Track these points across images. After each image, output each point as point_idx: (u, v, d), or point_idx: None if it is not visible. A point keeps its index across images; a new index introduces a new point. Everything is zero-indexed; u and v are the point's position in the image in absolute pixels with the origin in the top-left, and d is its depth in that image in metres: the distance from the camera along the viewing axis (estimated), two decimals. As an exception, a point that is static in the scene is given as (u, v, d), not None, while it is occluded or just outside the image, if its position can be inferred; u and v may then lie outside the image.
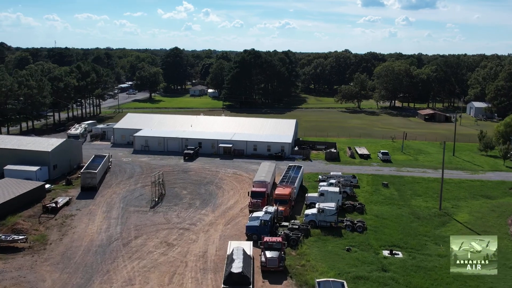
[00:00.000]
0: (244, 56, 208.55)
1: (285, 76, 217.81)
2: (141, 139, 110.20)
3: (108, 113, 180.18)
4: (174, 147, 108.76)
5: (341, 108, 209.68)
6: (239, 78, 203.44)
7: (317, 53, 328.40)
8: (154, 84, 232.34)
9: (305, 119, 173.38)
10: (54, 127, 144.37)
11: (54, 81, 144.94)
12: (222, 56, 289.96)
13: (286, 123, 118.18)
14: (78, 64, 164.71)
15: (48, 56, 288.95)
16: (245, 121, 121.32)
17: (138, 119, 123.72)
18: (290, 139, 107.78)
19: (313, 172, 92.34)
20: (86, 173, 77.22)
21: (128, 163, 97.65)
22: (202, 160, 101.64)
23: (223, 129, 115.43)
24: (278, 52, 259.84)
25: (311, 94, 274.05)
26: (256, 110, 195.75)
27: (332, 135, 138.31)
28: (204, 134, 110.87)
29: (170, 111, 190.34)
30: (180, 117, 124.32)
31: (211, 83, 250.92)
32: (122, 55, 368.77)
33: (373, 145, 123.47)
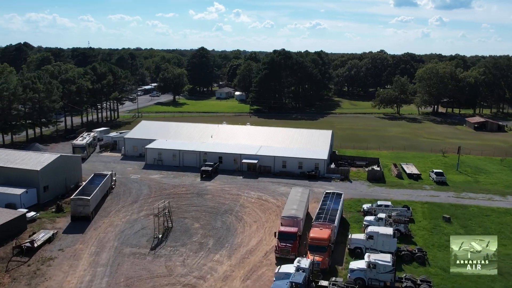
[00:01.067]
0: (273, 56, 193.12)
1: (318, 79, 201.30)
2: (153, 152, 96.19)
3: (126, 118, 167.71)
4: (191, 161, 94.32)
5: (378, 114, 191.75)
6: (267, 80, 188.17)
7: (352, 53, 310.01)
8: (178, 86, 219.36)
9: (339, 127, 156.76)
10: (65, 134, 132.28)
11: (66, 83, 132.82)
12: (251, 56, 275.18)
13: (320, 135, 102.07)
14: (93, 65, 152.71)
15: (72, 56, 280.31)
16: (273, 131, 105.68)
17: (152, 127, 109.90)
18: (326, 154, 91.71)
19: (354, 198, 76.23)
20: (77, 200, 63.30)
21: (135, 181, 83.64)
22: (222, 178, 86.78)
23: (247, 141, 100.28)
24: (310, 53, 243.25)
25: (344, 98, 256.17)
26: (286, 116, 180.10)
27: (372, 147, 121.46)
28: (225, 147, 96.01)
29: (193, 116, 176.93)
30: (200, 126, 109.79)
31: (238, 85, 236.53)
32: (148, 55, 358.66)
33: (421, 160, 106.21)
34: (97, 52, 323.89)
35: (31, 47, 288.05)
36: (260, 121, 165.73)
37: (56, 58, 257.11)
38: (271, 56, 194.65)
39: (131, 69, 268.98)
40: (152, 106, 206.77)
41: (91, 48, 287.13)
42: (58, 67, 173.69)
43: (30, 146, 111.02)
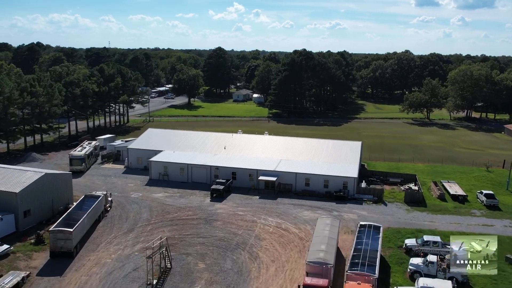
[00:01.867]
0: (294, 57, 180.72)
1: (341, 81, 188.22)
2: (158, 166, 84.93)
3: (136, 123, 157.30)
4: (201, 177, 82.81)
5: (406, 119, 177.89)
6: (287, 83, 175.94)
7: (376, 54, 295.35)
8: (193, 88, 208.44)
9: (366, 133, 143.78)
10: (68, 141, 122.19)
11: (70, 86, 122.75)
12: (270, 57, 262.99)
13: (349, 147, 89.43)
14: (100, 66, 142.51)
15: (86, 56, 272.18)
16: (295, 142, 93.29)
17: (159, 136, 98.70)
18: (355, 171, 79.18)
19: (392, 227, 63.69)
20: (57, 232, 52.11)
21: (135, 202, 72.46)
22: (236, 198, 75.05)
23: (265, 153, 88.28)
24: (333, 53, 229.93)
25: (368, 101, 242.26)
26: (307, 121, 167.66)
27: (405, 159, 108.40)
28: (240, 161, 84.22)
29: (207, 120, 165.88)
30: (212, 136, 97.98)
31: (257, 87, 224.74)
32: (165, 55, 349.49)
33: (463, 177, 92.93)
34: (112, 52, 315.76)
35: (44, 47, 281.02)
36: (279, 127, 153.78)
37: (69, 59, 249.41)
38: (292, 57, 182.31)
39: (146, 70, 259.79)
40: (165, 109, 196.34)
41: (105, 48, 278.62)
42: (66, 68, 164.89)
43: (26, 155, 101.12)
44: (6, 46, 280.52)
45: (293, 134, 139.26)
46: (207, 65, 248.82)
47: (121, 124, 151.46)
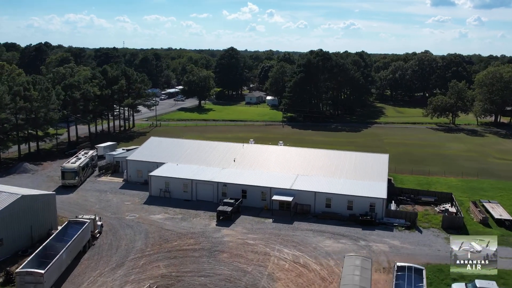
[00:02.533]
0: (310, 58, 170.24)
1: (360, 83, 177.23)
2: (159, 181, 75.33)
3: (142, 127, 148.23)
4: (206, 194, 73.09)
5: (430, 124, 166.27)
6: (303, 85, 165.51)
7: (395, 54, 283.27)
8: (204, 90, 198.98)
9: (388, 141, 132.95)
10: (67, 148, 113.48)
11: (69, 89, 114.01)
12: (284, 57, 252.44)
13: (374, 161, 78.92)
14: (104, 67, 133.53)
15: (95, 57, 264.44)
16: (313, 154, 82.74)
17: (162, 146, 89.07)
18: (384, 190, 68.68)
19: (432, 263, 53.12)
20: (25, 274, 42.63)
21: (130, 225, 62.94)
22: (246, 222, 65.14)
23: (280, 167, 78.14)
24: (351, 54, 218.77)
25: (387, 103, 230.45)
26: (323, 126, 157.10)
27: (435, 171, 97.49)
28: (251, 177, 74.24)
29: (217, 125, 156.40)
30: (221, 146, 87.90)
31: (270, 89, 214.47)
32: (176, 56, 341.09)
33: (504, 194, 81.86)
34: (122, 53, 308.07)
35: (52, 47, 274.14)
36: (294, 133, 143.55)
37: (76, 59, 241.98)
38: (308, 57, 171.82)
39: (156, 71, 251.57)
40: (174, 112, 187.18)
41: (115, 49, 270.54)
42: (70, 70, 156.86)
43: (17, 166, 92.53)
44: (14, 46, 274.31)
45: (309, 141, 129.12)
46: (219, 65, 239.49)
47: (126, 129, 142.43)
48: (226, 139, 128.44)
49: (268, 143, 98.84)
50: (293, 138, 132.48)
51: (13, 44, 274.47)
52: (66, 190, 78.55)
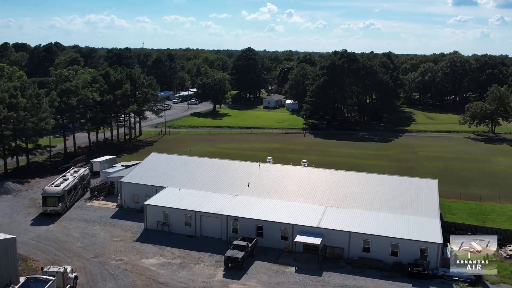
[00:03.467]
0: (334, 59, 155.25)
1: (389, 87, 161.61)
2: (157, 211, 61.70)
3: (150, 135, 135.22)
4: (213, 229, 59.28)
5: (467, 133, 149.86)
6: (327, 89, 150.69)
7: (424, 55, 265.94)
8: (219, 93, 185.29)
9: (423, 153, 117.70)
10: (63, 161, 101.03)
11: (65, 95, 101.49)
12: (305, 58, 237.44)
13: (420, 188, 63.98)
14: (106, 70, 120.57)
15: (107, 57, 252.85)
16: (345, 180, 67.92)
17: (164, 164, 75.46)
18: (438, 231, 53.72)
19: None
20: None
21: (114, 276, 49.36)
22: (261, 270, 51.08)
23: (304, 196, 63.79)
24: (378, 55, 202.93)
25: (416, 108, 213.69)
26: (349, 134, 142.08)
27: (487, 196, 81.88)
28: (268, 208, 60.13)
29: (232, 133, 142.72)
30: (232, 166, 73.62)
31: (290, 93, 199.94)
32: (192, 56, 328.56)
33: None
34: (137, 53, 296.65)
35: (63, 47, 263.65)
36: (317, 143, 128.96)
37: (87, 60, 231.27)
38: (332, 59, 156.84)
39: (170, 72, 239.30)
40: (187, 117, 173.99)
41: (128, 49, 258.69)
42: (73, 72, 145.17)
43: None
44: (25, 46, 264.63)
45: (335, 153, 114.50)
46: (236, 67, 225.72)
47: (132, 137, 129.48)
48: (240, 151, 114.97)
49: (289, 162, 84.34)
50: (316, 150, 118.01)
51: (24, 44, 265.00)
52: (46, 219, 65.68)
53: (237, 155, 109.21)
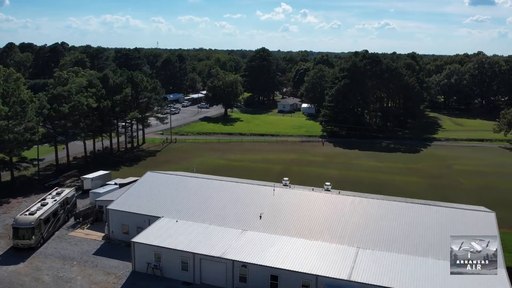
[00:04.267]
0: (355, 61, 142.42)
1: (416, 91, 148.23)
2: (147, 251, 49.81)
3: (155, 143, 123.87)
4: (216, 277, 47.24)
5: (501, 142, 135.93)
6: (347, 93, 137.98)
7: (448, 56, 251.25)
8: (231, 96, 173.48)
9: (458, 167, 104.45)
10: (54, 175, 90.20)
11: (56, 101, 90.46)
12: (322, 59, 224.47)
13: (474, 223, 51.20)
14: (104, 73, 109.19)
15: (115, 58, 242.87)
16: (379, 210, 54.81)
17: (161, 187, 63.60)
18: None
19: None
20: None
21: None
22: None
23: (330, 232, 51.32)
24: (402, 55, 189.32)
25: (440, 112, 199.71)
26: (372, 143, 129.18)
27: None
28: (285, 251, 47.85)
29: (244, 141, 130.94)
30: (241, 190, 61.18)
31: (306, 96, 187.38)
32: (204, 57, 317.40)
33: None
34: (147, 54, 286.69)
35: (69, 48, 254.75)
36: (338, 154, 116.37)
37: (93, 61, 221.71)
38: (352, 60, 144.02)
39: (180, 74, 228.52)
40: (196, 122, 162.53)
41: (136, 49, 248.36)
42: (72, 74, 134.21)
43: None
44: (31, 46, 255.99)
45: (358, 167, 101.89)
46: (249, 68, 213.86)
47: (134, 146, 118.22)
48: (252, 163, 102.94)
49: (308, 177, 72.09)
50: (336, 163, 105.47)
51: (30, 45, 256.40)
52: (16, 256, 54.36)
53: (249, 169, 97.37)
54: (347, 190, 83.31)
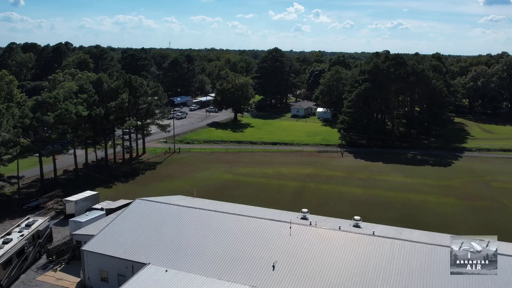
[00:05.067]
0: (377, 62, 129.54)
1: (444, 95, 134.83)
2: (125, 315, 38.00)
3: (156, 154, 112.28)
4: None
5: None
6: (369, 98, 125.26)
7: (473, 56, 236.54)
8: (241, 100, 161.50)
9: (497, 184, 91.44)
10: (39, 193, 79.12)
11: (39, 109, 79.18)
12: (338, 60, 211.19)
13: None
14: (98, 76, 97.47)
15: (122, 58, 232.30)
16: (428, 256, 42.27)
17: (150, 220, 51.59)
18: None
19: None
20: None
21: None
22: None
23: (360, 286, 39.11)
24: (427, 56, 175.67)
25: (465, 117, 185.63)
26: (397, 154, 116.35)
27: None
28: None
29: (254, 150, 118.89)
30: (250, 226, 48.67)
31: (322, 99, 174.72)
32: (215, 57, 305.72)
33: None
34: (156, 54, 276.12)
35: (73, 48, 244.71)
36: (359, 166, 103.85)
37: (97, 61, 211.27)
38: (374, 62, 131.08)
39: (188, 75, 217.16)
40: (203, 128, 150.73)
41: (143, 49, 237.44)
42: (69, 77, 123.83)
43: None
44: (35, 46, 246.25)
45: (384, 184, 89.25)
46: (260, 69, 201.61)
47: (132, 157, 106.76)
48: (264, 179, 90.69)
49: (327, 198, 59.84)
50: (359, 179, 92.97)
51: (33, 44, 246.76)
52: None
53: (259, 187, 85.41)
54: (375, 214, 71.31)
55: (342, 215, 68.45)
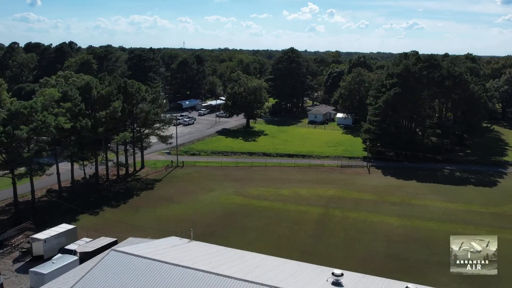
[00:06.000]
0: (407, 64, 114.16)
1: (483, 101, 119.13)
2: None
3: (157, 169, 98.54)
4: None
5: None
6: (398, 105, 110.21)
7: (504, 57, 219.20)
8: (254, 105, 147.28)
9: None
10: (10, 220, 66.01)
11: (12, 121, 65.90)
12: (358, 61, 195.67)
13: None
14: (87, 81, 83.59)
15: (128, 59, 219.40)
16: None
17: (127, 279, 37.59)
18: None
19: None
20: None
21: None
22: None
23: None
24: (459, 57, 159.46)
25: (499, 124, 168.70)
26: (431, 170, 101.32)
27: None
28: None
29: (268, 164, 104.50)
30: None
31: (342, 104, 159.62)
32: (227, 57, 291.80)
33: None
34: (164, 54, 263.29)
35: (77, 48, 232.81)
36: (389, 186, 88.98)
37: (101, 62, 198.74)
38: (404, 64, 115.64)
39: (197, 77, 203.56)
40: (212, 136, 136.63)
41: (151, 49, 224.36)
42: (62, 80, 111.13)
43: None
44: (38, 46, 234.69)
45: (422, 209, 74.34)
46: (275, 71, 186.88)
47: (129, 173, 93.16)
48: (278, 203, 75.85)
49: (354, 228, 45.66)
50: (393, 204, 78.17)
51: (37, 44, 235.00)
52: None
53: (274, 216, 71.20)
54: (418, 256, 56.81)
55: (377, 257, 54.71)
